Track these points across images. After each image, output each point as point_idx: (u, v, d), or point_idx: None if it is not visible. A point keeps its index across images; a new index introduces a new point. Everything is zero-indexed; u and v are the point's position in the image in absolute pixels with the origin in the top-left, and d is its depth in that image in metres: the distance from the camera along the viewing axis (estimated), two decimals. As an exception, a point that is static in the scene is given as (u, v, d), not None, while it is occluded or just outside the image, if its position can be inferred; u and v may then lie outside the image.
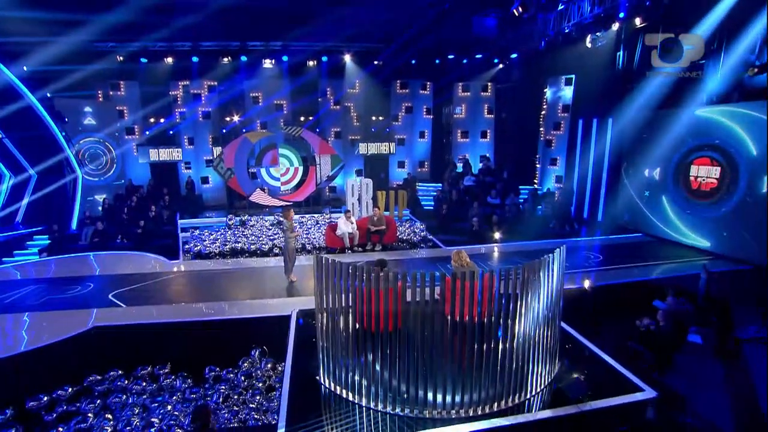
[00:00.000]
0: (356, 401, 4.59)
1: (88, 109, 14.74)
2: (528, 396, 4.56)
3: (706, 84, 10.73)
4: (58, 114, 13.42)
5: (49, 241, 12.21)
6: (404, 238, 11.94)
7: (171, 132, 16.33)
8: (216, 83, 16.27)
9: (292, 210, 8.77)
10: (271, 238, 11.57)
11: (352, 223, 11.11)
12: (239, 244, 11.02)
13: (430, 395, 4.36)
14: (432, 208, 15.66)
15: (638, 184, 12.65)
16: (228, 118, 16.76)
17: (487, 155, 18.14)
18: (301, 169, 14.62)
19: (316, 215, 14.03)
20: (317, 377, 4.96)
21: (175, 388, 6.74)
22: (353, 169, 18.26)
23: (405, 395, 4.39)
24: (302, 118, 17.38)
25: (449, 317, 4.41)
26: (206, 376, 6.87)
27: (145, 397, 6.42)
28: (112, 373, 6.83)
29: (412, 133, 18.31)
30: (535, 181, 17.22)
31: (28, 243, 12.62)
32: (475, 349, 4.30)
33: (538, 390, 4.67)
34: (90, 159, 14.76)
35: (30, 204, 13.91)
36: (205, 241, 11.28)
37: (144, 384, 6.69)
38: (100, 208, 14.42)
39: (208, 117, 16.53)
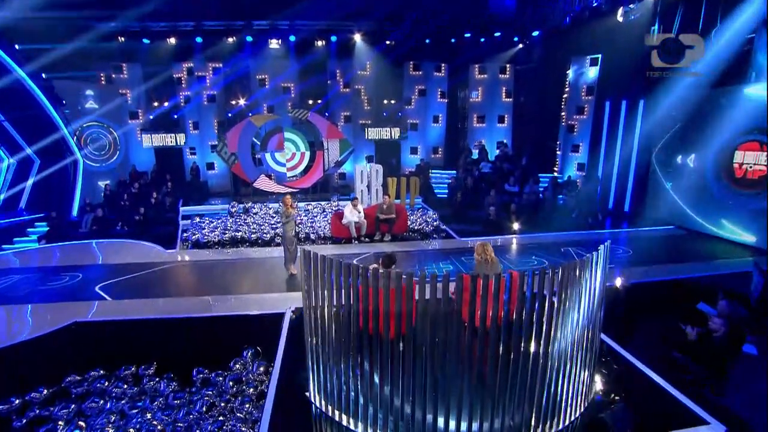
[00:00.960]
0: (352, 426, 3.79)
1: (89, 92, 14.10)
2: (562, 426, 3.70)
3: (756, 59, 9.49)
4: (56, 97, 12.79)
5: (47, 228, 11.68)
6: (415, 227, 11.07)
7: (175, 116, 15.64)
8: (221, 65, 15.47)
9: (290, 196, 7.98)
10: (274, 226, 10.82)
11: (359, 211, 10.27)
12: (239, 233, 10.31)
13: (441, 420, 3.53)
14: (446, 196, 14.72)
15: (671, 171, 11.50)
16: (233, 102, 15.98)
17: (505, 141, 17.05)
18: (307, 154, 13.81)
19: (323, 203, 13.24)
20: (306, 393, 4.19)
21: (159, 391, 6.07)
22: (364, 154, 17.37)
23: (411, 420, 3.57)
24: (310, 101, 16.49)
25: (467, 322, 3.56)
26: (194, 378, 6.19)
27: (124, 402, 5.76)
28: (93, 373, 6.19)
29: (426, 118, 17.29)
30: (555, 168, 16.11)
31: (29, 230, 12.12)
32: (500, 363, 3.43)
33: (575, 417, 3.81)
34: (92, 144, 14.17)
35: (33, 190, 13.42)
36: (204, 229, 10.58)
37: (125, 386, 6.04)
38: (102, 195, 13.86)
39: (213, 100, 15.77)
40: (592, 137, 14.47)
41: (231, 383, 5.87)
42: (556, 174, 15.56)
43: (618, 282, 7.34)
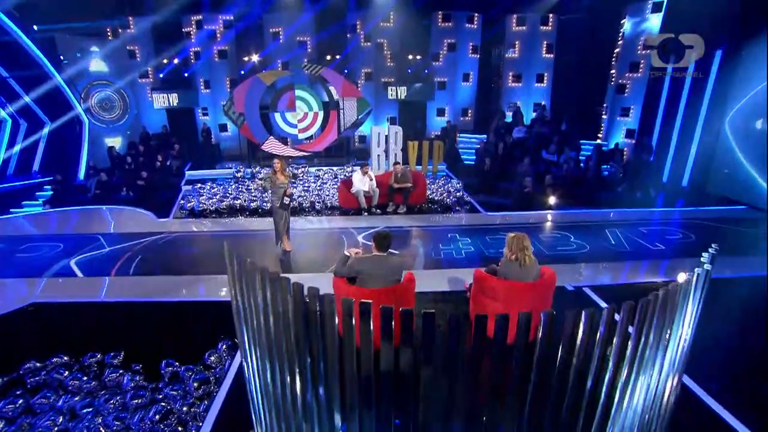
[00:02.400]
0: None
1: (95, 48, 13.05)
2: None
3: None
4: (55, 53, 11.81)
5: (51, 192, 11.04)
6: (435, 198, 9.65)
7: (186, 74, 14.49)
8: (232, 17, 14.02)
9: (281, 161, 6.72)
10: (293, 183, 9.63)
11: (370, 179, 8.92)
12: (238, 201, 9.25)
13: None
14: (473, 163, 13.07)
15: (749, 140, 9.41)
16: (246, 58, 14.61)
17: (543, 103, 14.97)
18: (321, 114, 12.42)
19: (335, 168, 11.94)
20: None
21: (121, 386, 5.20)
22: (386, 116, 15.81)
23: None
24: (328, 57, 14.89)
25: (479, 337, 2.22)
26: (162, 371, 5.28)
27: (78, 399, 4.93)
28: (55, 359, 5.38)
29: (455, 76, 15.36)
30: (600, 135, 14.03)
31: (37, 193, 11.55)
32: (529, 399, 2.11)
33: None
34: (100, 104, 13.29)
35: (46, 152, 12.82)
36: (202, 196, 9.58)
37: (85, 378, 5.19)
38: (109, 158, 13.08)
39: (225, 56, 14.47)
40: (647, 98, 12.29)
41: (196, 384, 4.88)
42: (600, 141, 13.53)
43: (681, 278, 5.76)
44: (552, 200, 9.47)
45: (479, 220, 8.66)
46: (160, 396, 4.77)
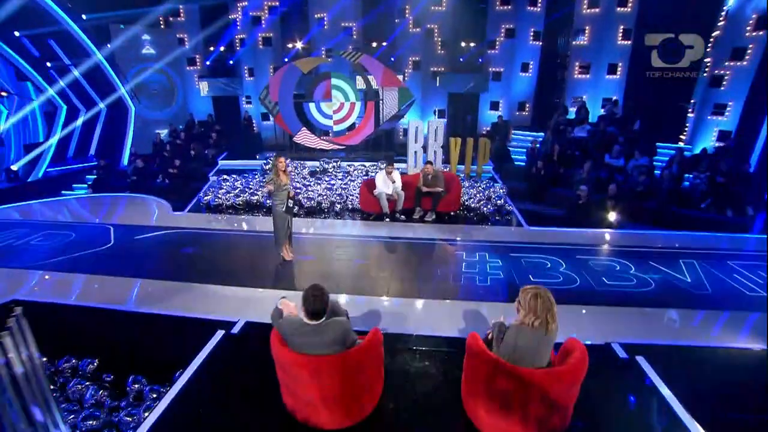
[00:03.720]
0: None
1: (146, 37, 13.07)
2: None
3: None
4: (105, 42, 11.87)
5: (95, 176, 11.19)
6: (472, 205, 8.33)
7: (231, 62, 14.18)
8: (277, 3, 13.41)
9: (283, 158, 5.85)
10: (297, 190, 8.85)
11: (394, 181, 7.81)
12: (255, 197, 8.59)
13: None
14: (524, 165, 11.43)
15: None
16: (290, 45, 13.96)
17: (615, 98, 12.80)
18: (358, 105, 11.42)
19: (367, 164, 10.93)
20: None
21: (83, 400, 4.68)
22: (433, 108, 14.49)
23: None
24: (374, 44, 13.81)
25: None
26: (128, 388, 4.69)
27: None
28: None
29: (513, 65, 13.60)
30: (683, 137, 11.68)
31: (87, 176, 11.84)
32: None
33: None
34: (148, 91, 13.36)
35: (100, 137, 13.18)
36: (222, 189, 9.07)
37: (51, 387, 4.74)
38: (152, 144, 13.11)
39: (269, 44, 13.93)
40: (752, 93, 9.85)
41: (146, 414, 4.18)
42: (682, 145, 11.22)
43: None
44: (613, 216, 7.74)
45: (518, 235, 7.23)
46: (116, 419, 4.14)
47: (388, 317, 4.70)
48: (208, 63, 14.14)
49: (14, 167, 10.73)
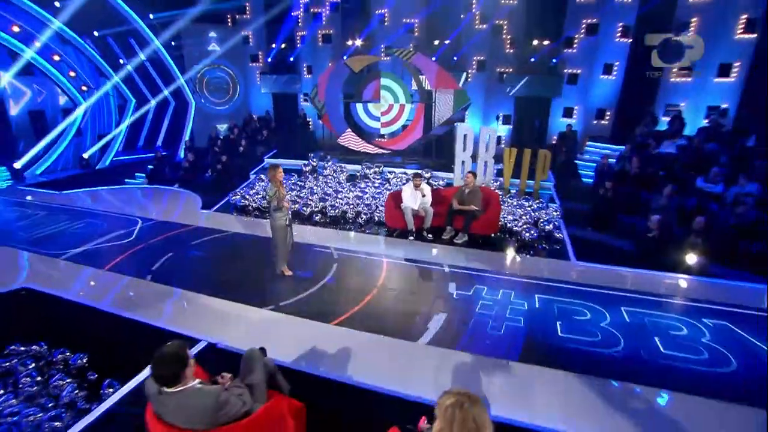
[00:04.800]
0: None
1: (212, 34, 13.67)
2: None
3: None
4: (170, 39, 12.57)
5: (151, 167, 11.93)
6: (514, 228, 7.26)
7: (291, 59, 14.31)
8: (339, -1, 13.23)
9: (280, 168, 5.44)
10: (324, 197, 8.45)
11: (423, 195, 7.06)
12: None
13: None
14: (592, 183, 9.90)
15: None
16: (349, 42, 13.69)
17: (724, 106, 10.61)
18: (408, 107, 10.76)
19: (409, 171, 10.22)
20: None
21: (59, 397, 4.72)
22: (497, 113, 13.32)
23: None
24: (436, 42, 12.99)
25: None
26: (102, 391, 4.65)
27: (14, 401, 4.58)
28: (35, 347, 5.22)
29: (593, 66, 11.95)
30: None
31: (148, 166, 12.71)
32: None
33: None
34: (211, 86, 13.98)
35: (167, 129, 14.15)
36: (253, 189, 9.02)
37: (39, 379, 4.86)
38: (208, 139, 13.66)
39: (329, 40, 13.81)
40: None
41: None
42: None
43: None
44: (695, 258, 6.19)
45: (560, 271, 6.07)
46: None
47: (345, 358, 4.07)
48: (269, 60, 14.43)
49: (85, 155, 11.81)
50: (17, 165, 10.84)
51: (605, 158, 9.47)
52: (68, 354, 4.65)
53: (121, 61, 11.91)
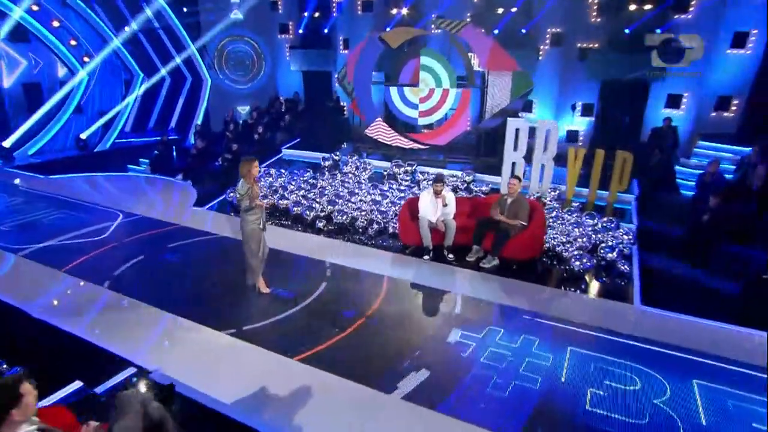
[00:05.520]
0: None
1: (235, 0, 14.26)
2: None
3: None
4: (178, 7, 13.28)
5: (155, 153, 12.63)
6: (563, 254, 6.72)
7: (325, 30, 14.54)
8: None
9: (255, 162, 5.45)
10: (334, 200, 8.42)
11: (445, 204, 6.77)
12: (284, 202, 8.47)
13: None
14: (692, 196, 8.97)
15: None
16: (393, 11, 13.63)
17: None
18: (453, 92, 10.46)
19: (445, 172, 9.88)
20: None
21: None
22: (574, 102, 12.57)
23: None
24: (500, 11, 12.52)
25: None
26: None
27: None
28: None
29: (715, 38, 10.81)
30: None
31: (154, 152, 13.51)
32: None
33: None
34: (232, 61, 14.60)
35: (181, 110, 15.02)
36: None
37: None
38: (223, 122, 14.20)
39: (370, 8, 13.85)
40: None
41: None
42: None
43: None
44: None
45: (613, 318, 5.49)
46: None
47: (293, 407, 3.98)
48: (300, 31, 14.76)
49: (83, 135, 12.81)
50: (6, 144, 11.97)
51: (714, 164, 8.53)
52: (5, 366, 4.93)
53: (128, 29, 12.71)
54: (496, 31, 12.40)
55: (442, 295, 5.96)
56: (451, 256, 6.83)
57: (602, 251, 6.71)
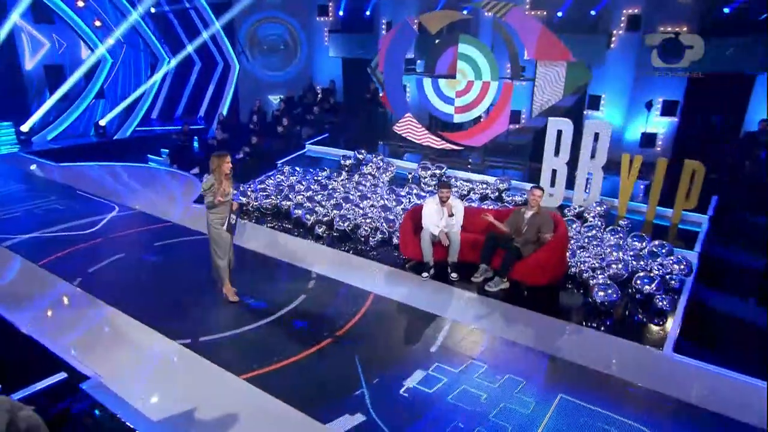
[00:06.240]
0: None
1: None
2: None
3: None
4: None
5: (179, 143, 13.39)
6: (590, 279, 6.37)
7: (368, 13, 14.74)
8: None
9: (227, 158, 5.62)
10: (340, 204, 8.53)
11: (451, 214, 6.64)
12: (287, 203, 8.71)
13: None
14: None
15: None
16: (441, -9, 13.57)
17: None
18: (494, 85, 10.24)
19: (474, 176, 9.68)
20: None
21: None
22: (651, 98, 11.86)
23: None
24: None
25: None
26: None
27: None
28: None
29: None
30: None
31: (177, 142, 14.29)
32: None
33: None
34: (264, 45, 15.16)
35: (211, 98, 15.86)
36: (262, 184, 9.59)
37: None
38: (250, 112, 14.74)
39: (417, -10, 13.88)
40: None
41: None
42: None
43: None
44: None
45: (629, 365, 5.11)
46: None
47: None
48: (340, 13, 15.06)
49: (102, 122, 13.82)
50: (24, 128, 13.18)
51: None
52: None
53: (153, 10, 13.54)
54: (559, 14, 12.02)
55: (429, 319, 5.86)
56: (454, 275, 6.70)
57: (638, 283, 6.30)
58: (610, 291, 6.06)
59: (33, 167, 11.98)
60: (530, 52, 9.91)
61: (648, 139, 12.03)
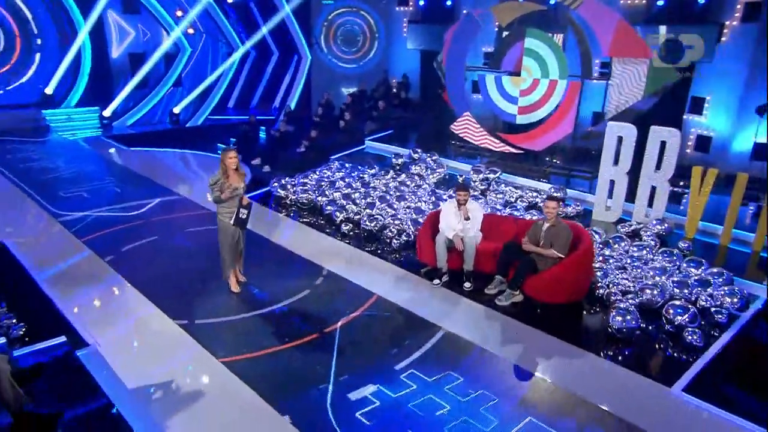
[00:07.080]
0: None
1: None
2: None
3: None
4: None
5: (246, 133, 14.54)
6: (621, 303, 6.24)
7: (449, 2, 15.01)
8: None
9: (231, 152, 6.24)
10: (373, 203, 8.99)
11: (467, 218, 6.81)
12: (323, 199, 9.31)
13: None
14: None
15: None
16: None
17: None
18: (562, 84, 10.13)
19: (528, 181, 9.64)
20: None
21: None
22: (762, 100, 11.04)
23: None
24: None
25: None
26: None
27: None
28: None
29: None
30: None
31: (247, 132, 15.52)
32: None
33: None
34: (341, 37, 15.95)
35: (286, 88, 17.04)
36: (307, 177, 10.31)
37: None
38: (318, 105, 15.53)
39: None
40: None
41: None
42: None
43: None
44: None
45: (620, 398, 5.02)
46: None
47: (175, 407, 4.65)
48: (421, 2, 15.48)
49: (176, 109, 15.35)
50: (106, 113, 15.02)
51: None
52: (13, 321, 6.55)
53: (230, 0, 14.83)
54: (660, 2, 11.54)
55: (424, 327, 6.11)
56: (467, 284, 6.89)
57: (670, 312, 6.10)
58: (629, 317, 5.96)
59: (112, 150, 13.70)
60: (604, 48, 9.72)
61: (761, 151, 11.19)
